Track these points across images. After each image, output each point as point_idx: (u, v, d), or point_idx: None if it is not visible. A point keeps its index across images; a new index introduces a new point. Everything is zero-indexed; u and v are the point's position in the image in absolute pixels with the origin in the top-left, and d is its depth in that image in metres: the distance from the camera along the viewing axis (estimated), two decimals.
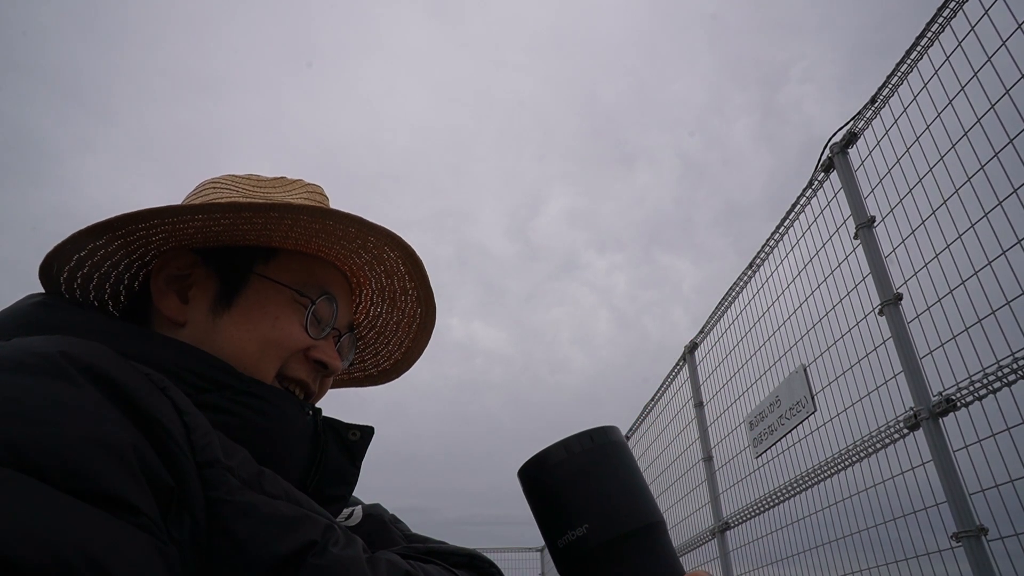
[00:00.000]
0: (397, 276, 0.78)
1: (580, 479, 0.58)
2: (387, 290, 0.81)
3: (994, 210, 1.80)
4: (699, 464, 3.90)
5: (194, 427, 0.50)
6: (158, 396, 0.50)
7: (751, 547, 3.27)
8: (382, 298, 0.83)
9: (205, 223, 0.64)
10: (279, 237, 0.68)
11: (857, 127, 2.45)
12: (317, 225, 0.66)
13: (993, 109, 1.81)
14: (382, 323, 0.87)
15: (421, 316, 0.84)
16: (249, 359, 0.65)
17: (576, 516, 0.57)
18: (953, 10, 1.94)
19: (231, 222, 0.64)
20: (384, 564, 0.53)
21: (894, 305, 2.22)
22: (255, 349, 0.66)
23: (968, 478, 1.90)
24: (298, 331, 0.68)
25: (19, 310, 0.60)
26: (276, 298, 0.68)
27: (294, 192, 0.77)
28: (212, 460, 0.49)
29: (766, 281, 3.15)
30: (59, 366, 0.46)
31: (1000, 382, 1.76)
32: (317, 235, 0.68)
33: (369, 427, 0.70)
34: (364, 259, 0.74)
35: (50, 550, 0.35)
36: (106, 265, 0.65)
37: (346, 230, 0.68)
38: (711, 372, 3.81)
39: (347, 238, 0.69)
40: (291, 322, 0.68)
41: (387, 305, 0.84)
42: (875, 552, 2.32)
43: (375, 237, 0.70)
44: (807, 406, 2.68)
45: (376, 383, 0.94)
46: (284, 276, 0.70)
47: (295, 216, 0.64)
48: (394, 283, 0.79)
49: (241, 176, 0.77)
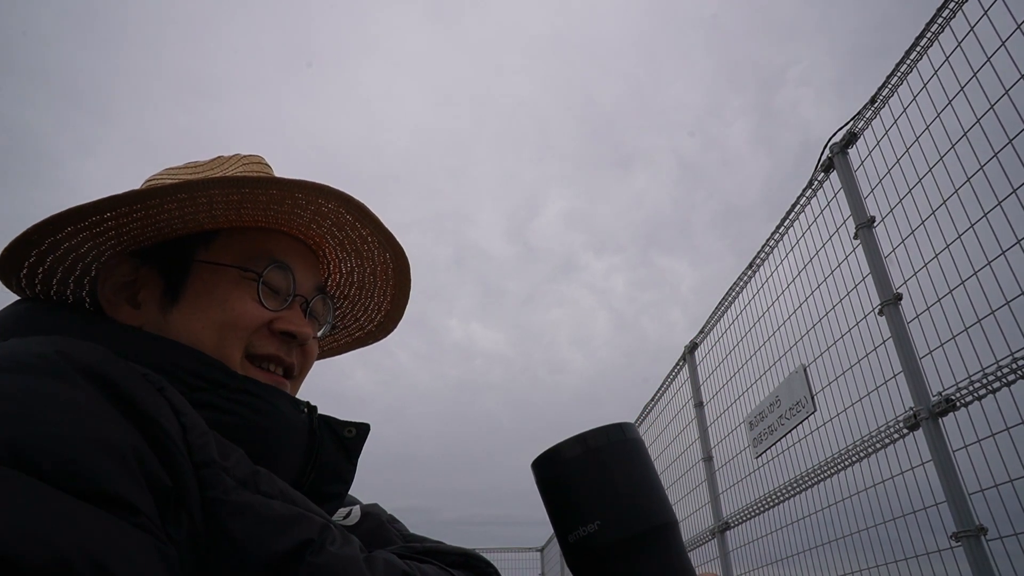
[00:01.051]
0: (348, 226, 0.75)
1: (594, 475, 0.57)
2: (347, 242, 0.78)
3: (993, 210, 1.80)
4: (699, 464, 3.90)
5: (191, 427, 0.50)
6: (155, 396, 0.50)
7: (751, 547, 3.27)
8: (346, 252, 0.80)
9: (118, 221, 0.62)
10: (205, 218, 0.65)
11: (857, 127, 2.45)
12: (235, 196, 0.64)
13: (993, 109, 1.81)
14: (358, 276, 0.84)
15: (392, 260, 0.81)
16: (209, 348, 0.64)
17: (589, 512, 0.56)
18: (952, 10, 1.94)
19: (144, 214, 0.62)
20: (381, 563, 0.53)
21: (894, 305, 2.22)
22: (212, 336, 0.65)
23: (967, 478, 1.90)
24: (252, 307, 0.67)
25: (12, 312, 0.61)
26: (222, 280, 0.67)
27: (229, 168, 0.76)
28: (208, 460, 0.49)
29: (766, 281, 3.15)
30: (58, 366, 0.46)
31: (999, 382, 1.76)
32: (242, 206, 0.66)
33: (365, 424, 0.69)
34: (304, 218, 0.71)
35: (50, 549, 0.35)
36: (53, 281, 0.65)
37: (267, 192, 0.65)
38: (711, 372, 3.81)
39: (274, 201, 0.66)
40: (243, 300, 0.67)
41: (355, 258, 0.81)
42: (875, 552, 2.32)
43: (303, 193, 0.66)
44: (807, 406, 2.68)
45: (377, 339, 0.92)
46: (226, 257, 0.68)
47: (206, 191, 0.61)
48: (349, 234, 0.76)
49: (179, 166, 0.76)
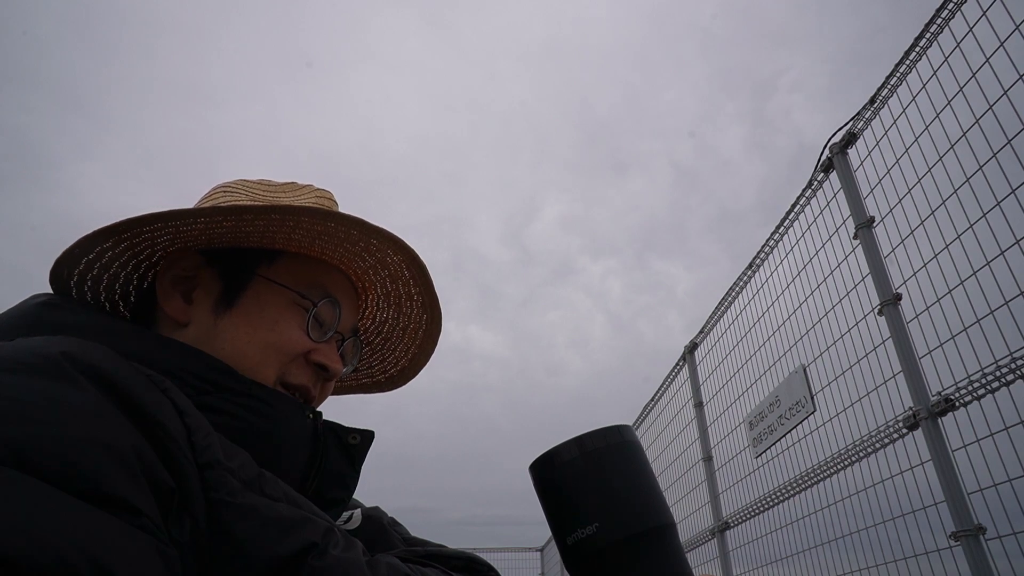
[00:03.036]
0: (402, 280, 0.77)
1: (592, 477, 0.58)
2: (392, 295, 0.81)
3: (993, 210, 1.80)
4: (699, 464, 3.90)
5: (195, 428, 0.50)
6: (159, 397, 0.50)
7: (751, 547, 3.28)
8: (388, 303, 0.83)
9: (208, 226, 0.64)
10: (282, 239, 0.68)
11: (856, 128, 2.45)
12: (319, 227, 0.66)
13: (992, 110, 1.82)
14: (388, 329, 0.86)
15: (427, 322, 0.84)
16: (248, 362, 0.65)
17: (586, 514, 0.57)
18: (952, 11, 1.95)
19: (234, 224, 0.64)
20: (384, 567, 0.53)
21: (893, 305, 2.22)
22: (255, 352, 0.66)
23: (966, 478, 1.90)
24: (298, 335, 0.68)
25: (23, 310, 0.61)
26: (277, 300, 0.68)
27: (302, 196, 0.78)
28: (213, 461, 0.49)
29: (766, 281, 3.15)
30: (60, 367, 0.46)
31: (999, 382, 1.76)
32: (319, 237, 0.68)
33: (369, 431, 0.70)
34: (368, 263, 0.74)
35: (51, 550, 0.35)
36: (114, 266, 0.66)
37: (348, 232, 0.67)
38: (711, 372, 3.82)
39: (349, 240, 0.69)
40: (291, 326, 0.68)
41: (393, 311, 0.84)
42: (874, 552, 2.32)
43: (378, 240, 0.69)
44: (807, 406, 2.69)
45: (383, 390, 0.93)
46: (286, 278, 0.70)
47: (296, 218, 0.64)
48: (399, 288, 0.79)
49: (253, 181, 0.78)
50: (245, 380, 0.62)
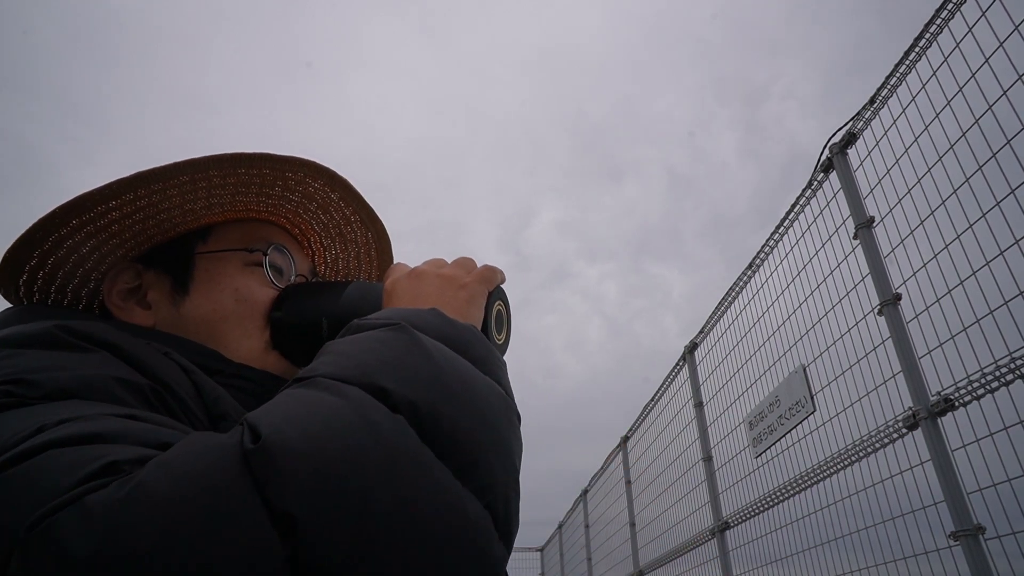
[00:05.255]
0: (333, 207, 0.75)
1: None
2: (331, 226, 0.79)
3: (992, 211, 1.80)
4: (699, 464, 3.90)
5: (203, 384, 0.52)
6: (163, 359, 0.52)
7: (751, 547, 3.28)
8: (330, 237, 0.81)
9: (122, 213, 0.61)
10: (203, 208, 0.66)
11: (856, 128, 2.45)
12: (231, 179, 0.64)
13: (991, 110, 1.82)
14: (343, 264, 0.86)
15: (374, 239, 0.82)
16: (227, 339, 0.64)
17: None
18: (951, 11, 1.95)
19: (147, 203, 0.62)
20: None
21: (893, 305, 2.22)
22: (230, 327, 0.65)
23: (966, 478, 1.91)
24: (262, 290, 0.68)
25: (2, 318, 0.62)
26: (227, 268, 0.68)
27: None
28: (224, 413, 0.52)
29: (766, 281, 3.15)
30: (60, 337, 0.48)
31: (998, 382, 1.76)
32: (238, 193, 0.67)
33: None
34: (293, 202, 0.72)
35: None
36: (52, 289, 0.65)
37: (262, 174, 0.66)
38: (711, 372, 3.82)
39: (267, 185, 0.67)
40: (251, 284, 0.67)
41: (339, 243, 0.82)
42: (874, 551, 2.33)
43: (292, 172, 0.67)
44: (806, 406, 2.69)
45: None
46: (226, 244, 0.69)
47: (205, 172, 0.62)
48: (334, 216, 0.77)
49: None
50: (232, 363, 0.63)
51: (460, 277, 0.61)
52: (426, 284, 0.60)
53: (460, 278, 0.61)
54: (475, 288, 0.61)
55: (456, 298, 0.59)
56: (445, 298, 0.58)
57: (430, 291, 0.59)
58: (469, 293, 0.60)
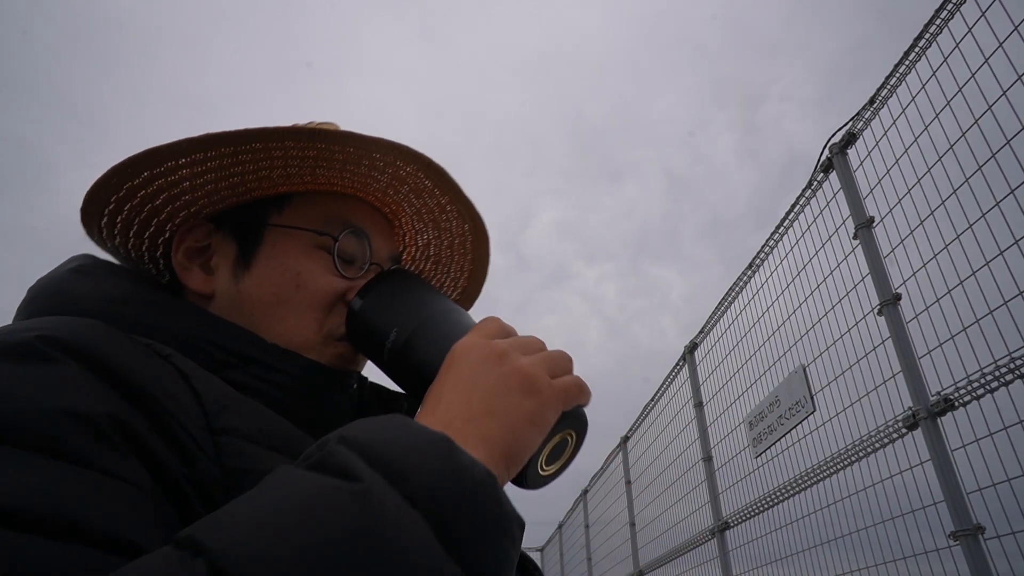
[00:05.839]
0: (427, 193, 0.69)
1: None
2: (424, 211, 0.72)
3: (992, 211, 1.80)
4: (699, 464, 3.90)
5: (205, 392, 0.47)
6: (157, 365, 0.47)
7: (750, 547, 3.28)
8: (423, 222, 0.74)
9: (192, 171, 0.59)
10: (281, 176, 0.62)
11: (856, 128, 2.46)
12: (311, 152, 0.60)
13: (991, 110, 1.82)
14: (435, 250, 0.78)
15: (471, 232, 0.75)
16: (283, 325, 0.60)
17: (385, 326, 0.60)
18: (951, 11, 1.95)
19: (220, 164, 0.59)
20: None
21: (893, 305, 2.22)
22: (287, 312, 0.61)
23: (966, 477, 1.91)
24: (327, 278, 0.63)
25: (54, 277, 0.59)
26: (295, 247, 0.63)
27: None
28: (228, 427, 0.46)
29: (765, 281, 3.15)
30: (35, 349, 0.43)
31: (998, 382, 1.76)
32: (319, 165, 0.62)
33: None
34: (382, 181, 0.66)
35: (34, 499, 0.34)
36: (131, 234, 0.63)
37: (345, 151, 0.61)
38: (711, 372, 3.82)
39: (351, 161, 0.62)
40: (316, 270, 0.62)
41: (433, 229, 0.75)
42: (873, 551, 2.33)
43: (380, 153, 0.62)
44: (806, 406, 2.69)
45: None
46: (300, 220, 0.64)
47: (281, 143, 0.58)
48: (428, 202, 0.71)
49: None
50: (273, 350, 0.58)
51: (539, 381, 0.49)
52: (493, 377, 0.48)
53: (539, 382, 0.49)
54: (549, 405, 0.49)
55: (519, 409, 0.47)
56: (505, 404, 0.47)
57: (492, 385, 0.48)
58: (538, 409, 0.48)
